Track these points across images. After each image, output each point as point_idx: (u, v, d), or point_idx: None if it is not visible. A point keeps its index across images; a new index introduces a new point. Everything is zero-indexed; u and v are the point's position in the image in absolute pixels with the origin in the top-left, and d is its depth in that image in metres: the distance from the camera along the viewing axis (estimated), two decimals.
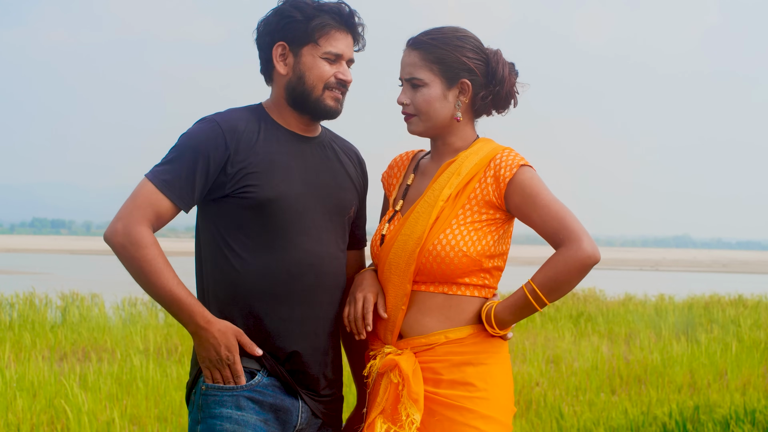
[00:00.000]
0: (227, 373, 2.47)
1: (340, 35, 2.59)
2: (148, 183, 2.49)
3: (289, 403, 2.53)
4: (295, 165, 2.59)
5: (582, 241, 2.41)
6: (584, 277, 2.42)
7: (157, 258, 2.43)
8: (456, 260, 2.47)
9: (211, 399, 2.48)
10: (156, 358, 8.79)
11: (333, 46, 2.58)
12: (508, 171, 2.50)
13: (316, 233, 2.58)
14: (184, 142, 2.53)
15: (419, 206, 2.53)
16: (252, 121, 2.59)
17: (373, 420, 2.49)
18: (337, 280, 2.62)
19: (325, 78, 2.58)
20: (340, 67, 2.60)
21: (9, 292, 14.13)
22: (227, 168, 2.51)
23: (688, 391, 7.67)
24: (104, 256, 54.87)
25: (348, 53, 2.61)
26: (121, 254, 2.44)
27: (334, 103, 2.60)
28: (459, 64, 2.55)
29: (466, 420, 2.43)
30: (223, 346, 2.45)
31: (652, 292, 18.38)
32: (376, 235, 2.63)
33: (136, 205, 2.46)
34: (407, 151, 2.78)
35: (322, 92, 2.58)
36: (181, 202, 2.50)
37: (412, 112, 2.57)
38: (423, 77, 2.54)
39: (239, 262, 2.51)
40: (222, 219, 2.53)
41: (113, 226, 2.45)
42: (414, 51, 2.56)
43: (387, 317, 2.54)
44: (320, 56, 2.57)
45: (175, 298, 2.43)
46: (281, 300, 2.52)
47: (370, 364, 2.58)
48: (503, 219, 2.53)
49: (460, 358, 2.48)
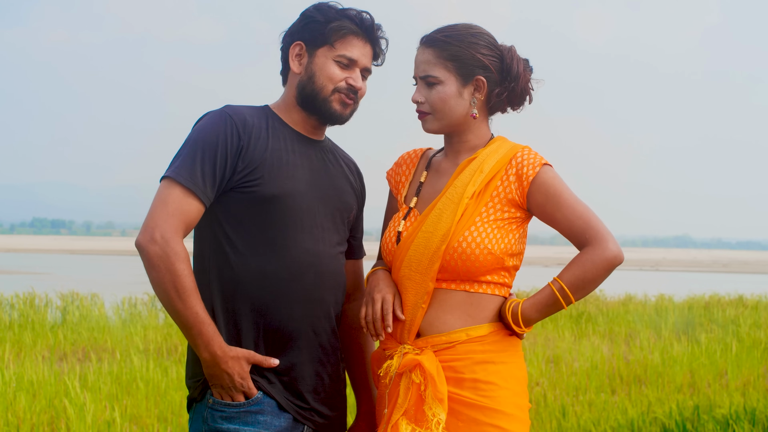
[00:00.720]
0: (240, 397, 2.46)
1: (357, 42, 2.58)
2: (174, 186, 2.45)
3: (291, 424, 2.53)
4: (300, 164, 2.58)
5: (608, 241, 2.45)
6: (608, 276, 2.47)
7: (191, 276, 2.41)
8: (481, 258, 2.46)
9: (218, 414, 2.47)
10: (156, 358, 8.79)
11: (347, 51, 2.57)
12: (531, 170, 2.50)
13: (318, 232, 2.57)
14: (199, 137, 2.50)
15: (441, 203, 2.52)
16: (260, 117, 2.59)
17: (397, 422, 2.46)
18: (337, 280, 2.61)
19: (336, 81, 2.57)
20: (352, 73, 2.59)
21: (9, 292, 14.13)
22: (238, 162, 2.50)
23: (688, 391, 7.67)
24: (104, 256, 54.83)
25: (363, 61, 2.60)
26: (157, 264, 2.38)
27: (340, 107, 2.59)
28: (474, 61, 2.54)
29: (491, 420, 2.43)
30: (237, 375, 2.44)
31: (652, 292, 18.39)
32: (390, 233, 2.60)
33: (169, 212, 2.42)
34: (415, 149, 2.77)
35: (330, 94, 2.58)
36: (207, 200, 2.48)
37: (427, 110, 2.56)
38: (438, 75, 2.53)
39: (240, 259, 2.50)
40: (225, 214, 2.52)
41: (150, 234, 2.39)
42: (428, 49, 2.55)
43: (406, 316, 2.51)
44: (333, 58, 2.57)
45: (198, 320, 2.41)
46: (281, 298, 2.51)
47: (386, 364, 2.53)
48: (523, 218, 2.54)
49: (481, 356, 2.47)
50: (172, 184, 2.44)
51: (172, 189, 2.44)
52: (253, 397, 2.47)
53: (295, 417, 2.53)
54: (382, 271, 2.62)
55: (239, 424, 2.46)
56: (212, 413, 2.47)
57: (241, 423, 2.46)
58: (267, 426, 2.48)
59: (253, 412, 2.47)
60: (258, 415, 2.47)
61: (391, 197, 2.76)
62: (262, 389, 2.49)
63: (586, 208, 2.49)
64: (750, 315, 13.99)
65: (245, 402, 2.46)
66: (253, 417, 2.47)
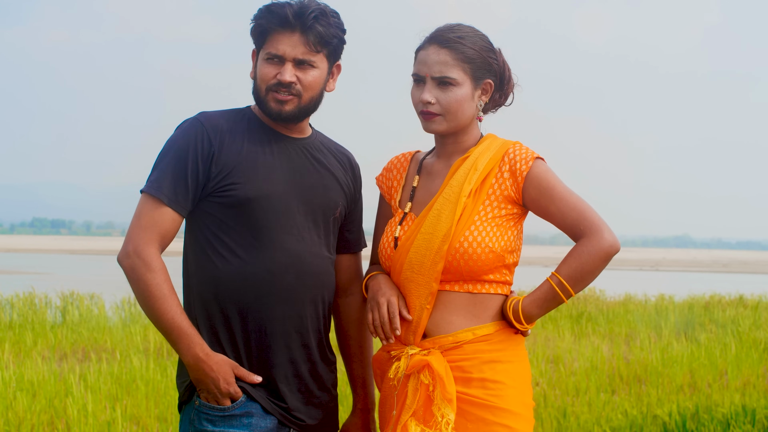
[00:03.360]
0: (226, 401, 2.47)
1: (281, 35, 2.52)
2: (147, 199, 2.49)
3: (277, 426, 2.53)
4: (278, 164, 2.57)
5: (603, 231, 2.44)
6: (606, 266, 2.46)
7: (163, 284, 2.44)
8: (483, 257, 2.46)
9: (204, 417, 2.48)
10: (156, 358, 8.79)
11: (272, 47, 2.53)
12: (524, 165, 2.50)
13: (297, 232, 2.56)
14: (170, 147, 2.53)
15: (439, 203, 2.51)
16: (236, 121, 2.59)
17: (406, 423, 2.46)
18: (320, 279, 2.59)
19: (267, 80, 2.54)
20: (281, 68, 2.53)
21: (9, 292, 14.13)
22: (211, 167, 2.50)
23: (688, 391, 7.67)
24: (104, 256, 54.84)
25: (290, 53, 2.52)
26: (130, 276, 2.45)
27: (275, 104, 2.55)
28: (485, 65, 2.54)
29: (499, 419, 2.43)
30: (222, 380, 2.45)
31: (652, 292, 18.38)
32: (386, 239, 2.60)
33: (141, 226, 2.46)
34: (403, 153, 2.74)
35: (265, 94, 2.55)
36: (182, 209, 2.50)
37: (438, 111, 2.52)
38: (456, 77, 2.50)
39: (221, 262, 2.51)
40: (204, 218, 2.53)
41: (124, 249, 2.46)
42: (443, 49, 2.51)
43: (411, 318, 2.51)
44: (264, 58, 2.55)
45: (176, 326, 2.43)
46: (262, 299, 2.51)
47: (395, 365, 2.52)
48: (519, 214, 2.54)
49: (488, 355, 2.47)
50: (145, 197, 2.49)
51: (145, 202, 2.49)
52: (238, 400, 2.47)
53: (280, 420, 2.53)
54: (382, 275, 2.61)
55: (225, 427, 2.46)
56: (199, 415, 2.48)
57: (226, 426, 2.46)
58: (253, 428, 2.48)
59: (238, 415, 2.47)
60: (243, 418, 2.47)
61: (383, 202, 2.74)
62: (246, 392, 2.49)
63: (580, 199, 2.49)
64: (750, 315, 13.99)
65: (230, 406, 2.46)
66: (238, 420, 2.47)
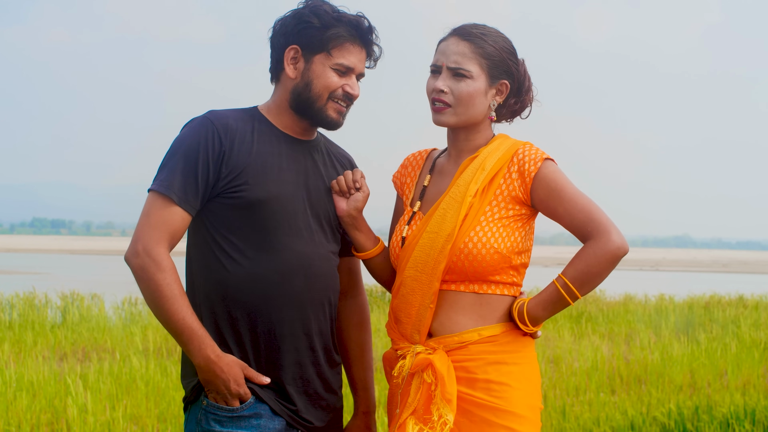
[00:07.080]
0: (235, 402, 2.46)
1: (354, 48, 2.57)
2: (156, 197, 2.47)
3: (285, 428, 2.53)
4: (287, 166, 2.57)
5: (611, 233, 2.42)
6: (614, 268, 2.43)
7: (174, 284, 2.42)
8: (488, 257, 2.45)
9: (211, 417, 2.47)
10: (156, 358, 8.78)
11: (345, 59, 2.56)
12: (532, 165, 2.49)
13: (307, 235, 2.56)
14: (180, 146, 2.51)
15: (445, 202, 2.51)
16: (245, 121, 2.58)
17: (405, 421, 2.46)
18: (328, 282, 2.60)
19: (332, 88, 2.56)
20: (348, 80, 2.58)
21: (9, 292, 14.13)
22: (222, 167, 2.50)
23: (688, 391, 7.67)
24: (104, 256, 54.85)
25: (359, 67, 2.60)
26: (140, 276, 2.43)
27: (336, 115, 2.59)
28: (504, 65, 2.55)
29: (502, 421, 2.41)
30: (232, 381, 2.44)
31: (652, 292, 18.38)
32: (396, 238, 2.60)
33: (151, 224, 2.45)
34: (420, 151, 2.75)
35: (326, 102, 2.57)
36: (192, 209, 2.49)
37: (450, 102, 2.53)
38: (471, 69, 2.51)
39: (230, 263, 2.50)
40: (212, 219, 2.52)
41: (133, 247, 2.44)
42: (464, 41, 2.52)
43: (414, 316, 2.51)
44: (331, 66, 2.56)
45: (187, 326, 2.42)
46: (271, 301, 2.50)
47: (399, 364, 2.52)
48: (528, 214, 2.53)
49: (494, 357, 2.46)
50: (154, 195, 2.48)
51: (154, 201, 2.47)
52: (247, 401, 2.47)
53: (288, 421, 2.53)
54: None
55: (233, 428, 2.45)
56: (206, 415, 2.47)
57: (235, 426, 2.46)
58: (261, 430, 2.48)
59: (247, 416, 2.47)
60: (252, 419, 2.47)
61: (398, 200, 2.74)
62: (254, 394, 2.48)
63: (589, 200, 2.47)
64: (750, 315, 13.99)
65: (239, 407, 2.46)
66: (246, 421, 2.46)
